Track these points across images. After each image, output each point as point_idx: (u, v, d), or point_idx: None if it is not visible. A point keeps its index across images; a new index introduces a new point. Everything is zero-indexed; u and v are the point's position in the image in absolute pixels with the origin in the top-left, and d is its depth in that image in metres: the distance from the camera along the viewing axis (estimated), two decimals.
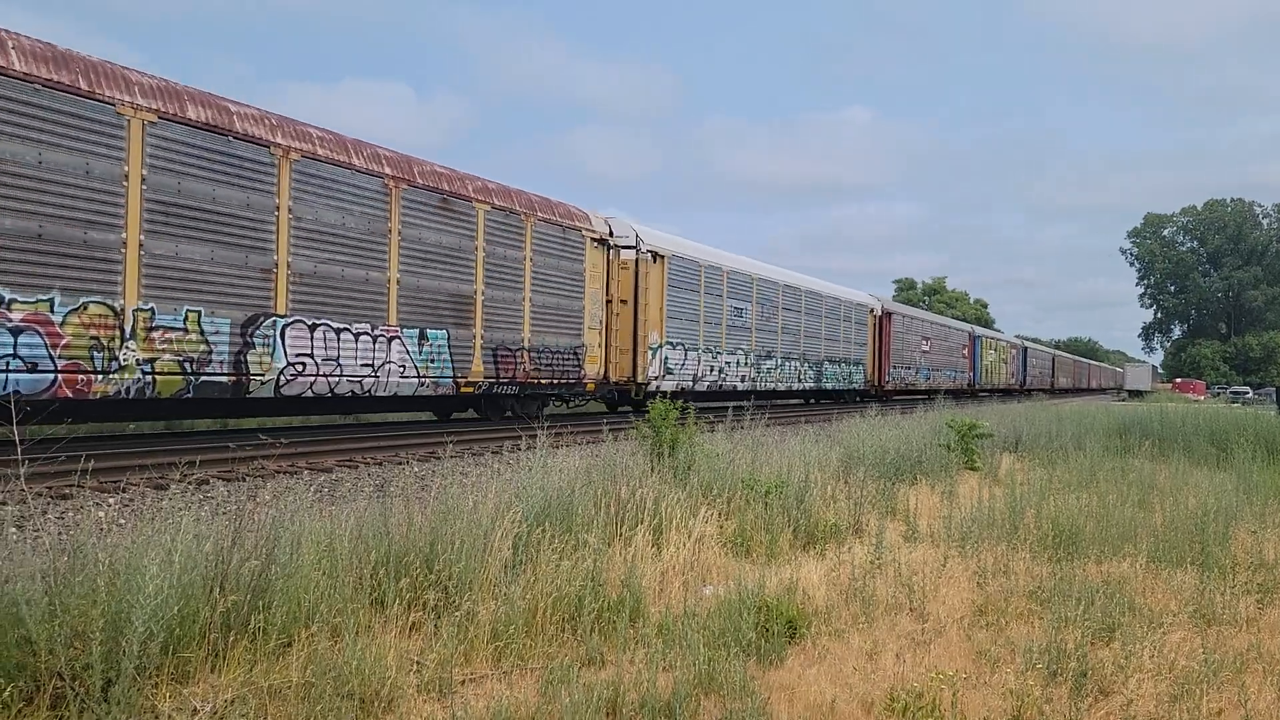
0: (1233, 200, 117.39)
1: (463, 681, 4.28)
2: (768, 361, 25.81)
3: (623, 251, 18.91)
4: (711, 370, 22.58)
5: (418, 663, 4.33)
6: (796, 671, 4.67)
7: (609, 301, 18.38)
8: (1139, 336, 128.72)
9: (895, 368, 36.15)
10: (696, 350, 21.73)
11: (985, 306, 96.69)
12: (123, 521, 7.13)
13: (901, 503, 9.40)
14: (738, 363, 23.98)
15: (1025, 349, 64.13)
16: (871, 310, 35.26)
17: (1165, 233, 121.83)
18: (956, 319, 67.51)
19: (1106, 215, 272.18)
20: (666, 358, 20.20)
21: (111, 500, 7.74)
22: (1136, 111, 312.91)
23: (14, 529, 6.05)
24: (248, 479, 8.18)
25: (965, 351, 46.95)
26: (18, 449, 4.67)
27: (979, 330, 52.86)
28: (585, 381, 17.68)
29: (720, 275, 23.06)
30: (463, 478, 9.13)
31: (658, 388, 19.37)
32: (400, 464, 10.74)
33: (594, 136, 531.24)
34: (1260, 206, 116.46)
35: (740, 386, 24.10)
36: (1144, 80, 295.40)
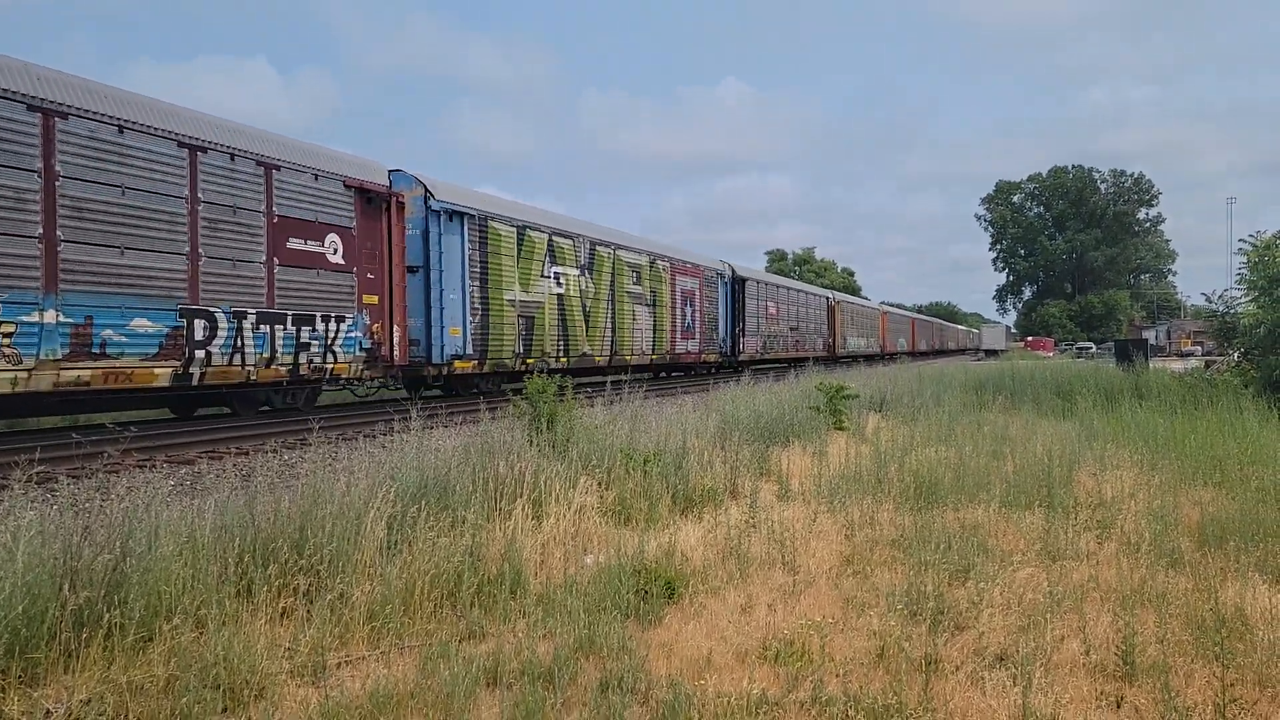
0: (1074, 167, 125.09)
1: (338, 664, 4.21)
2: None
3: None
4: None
5: (290, 648, 4.22)
6: (674, 629, 4.79)
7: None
8: (993, 298, 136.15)
9: None
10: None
11: (852, 275, 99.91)
12: None
13: (775, 464, 9.69)
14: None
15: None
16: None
17: (1015, 199, 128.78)
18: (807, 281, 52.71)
19: (969, 184, 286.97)
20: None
21: None
22: (998, 87, 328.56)
23: None
24: (99, 474, 7.72)
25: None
26: None
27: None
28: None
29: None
30: (334, 462, 8.92)
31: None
32: (269, 452, 10.35)
33: (472, 113, 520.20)
34: (1099, 173, 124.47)
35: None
36: (1005, 59, 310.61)
